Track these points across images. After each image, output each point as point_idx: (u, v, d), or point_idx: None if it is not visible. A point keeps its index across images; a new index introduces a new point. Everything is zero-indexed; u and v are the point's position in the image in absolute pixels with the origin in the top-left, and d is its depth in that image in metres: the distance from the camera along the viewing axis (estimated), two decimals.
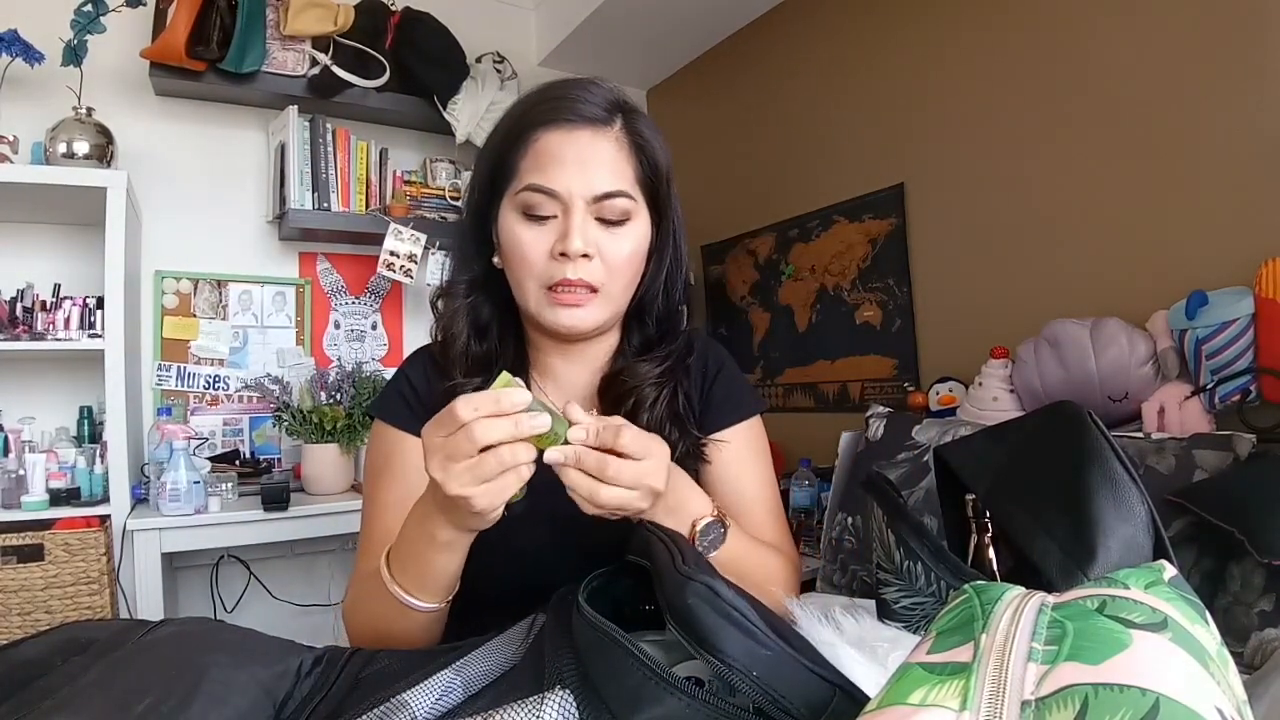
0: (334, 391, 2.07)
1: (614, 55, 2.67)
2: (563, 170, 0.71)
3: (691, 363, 0.85)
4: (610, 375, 0.81)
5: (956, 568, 0.59)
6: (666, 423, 0.79)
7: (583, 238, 0.71)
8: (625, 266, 0.74)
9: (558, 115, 0.72)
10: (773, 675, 0.40)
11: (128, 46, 2.03)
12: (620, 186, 0.72)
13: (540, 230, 0.72)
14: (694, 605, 0.43)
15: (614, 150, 0.72)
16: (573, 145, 0.71)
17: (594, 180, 0.71)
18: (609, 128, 0.73)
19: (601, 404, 0.81)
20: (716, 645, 0.41)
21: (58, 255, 2.03)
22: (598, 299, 0.74)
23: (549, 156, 0.71)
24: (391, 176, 2.40)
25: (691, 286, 0.86)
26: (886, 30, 2.10)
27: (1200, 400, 1.36)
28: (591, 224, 0.72)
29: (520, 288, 0.76)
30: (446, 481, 0.53)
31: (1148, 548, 0.57)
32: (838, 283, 2.25)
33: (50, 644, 0.56)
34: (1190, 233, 1.47)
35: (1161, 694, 0.26)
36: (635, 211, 0.74)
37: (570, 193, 0.71)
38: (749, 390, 0.90)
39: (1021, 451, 0.65)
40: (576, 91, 0.73)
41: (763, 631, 0.42)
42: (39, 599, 1.61)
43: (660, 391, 0.79)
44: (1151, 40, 1.53)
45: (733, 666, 0.40)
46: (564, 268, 0.71)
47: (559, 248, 0.71)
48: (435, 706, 0.46)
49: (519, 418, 0.53)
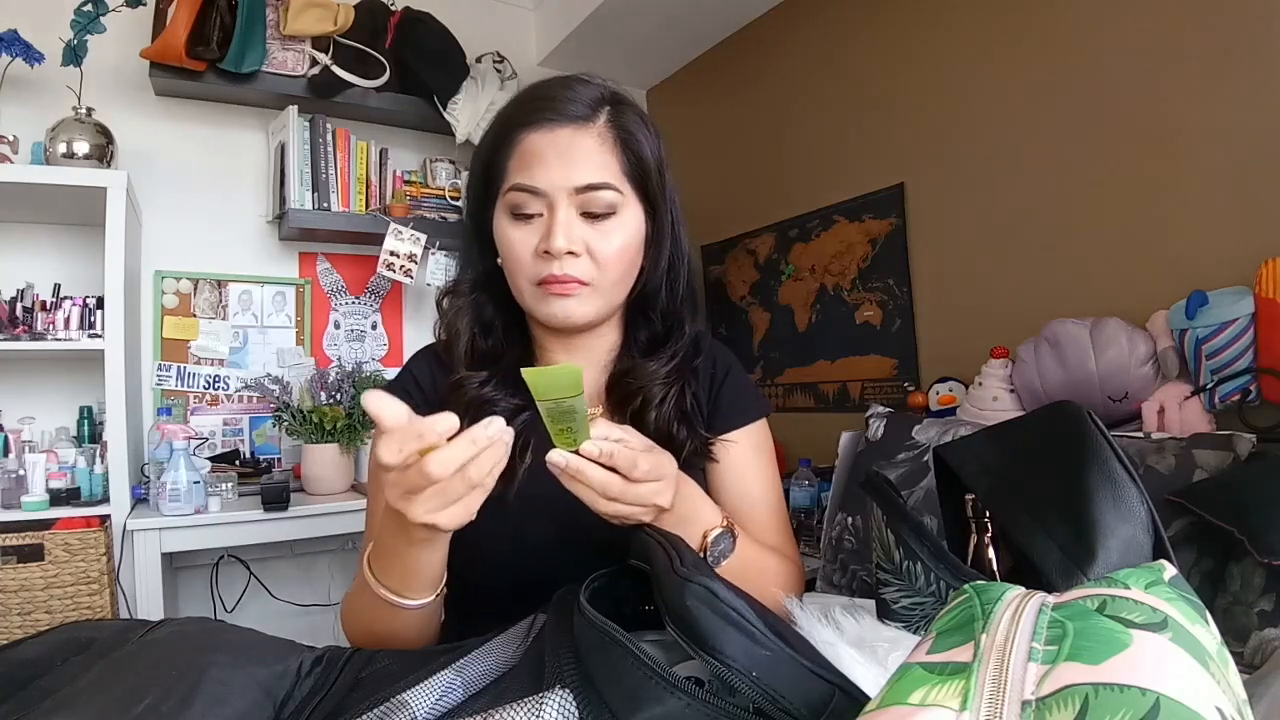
0: (334, 391, 2.07)
1: (614, 55, 2.67)
2: (544, 167, 0.71)
3: (700, 364, 0.85)
4: (617, 373, 0.81)
5: (956, 568, 0.59)
6: (675, 421, 0.79)
7: (566, 235, 0.71)
8: (615, 260, 0.74)
9: (540, 115, 0.72)
10: (772, 675, 0.40)
11: (128, 46, 2.03)
12: (603, 179, 0.72)
13: (527, 229, 0.73)
14: (693, 607, 0.43)
15: (596, 145, 0.73)
16: (554, 143, 0.72)
17: (574, 174, 0.71)
18: (591, 124, 0.73)
19: (609, 402, 0.81)
20: (716, 646, 0.41)
21: (58, 255, 2.03)
22: (589, 290, 0.74)
23: (532, 156, 0.72)
24: (391, 176, 2.40)
25: (695, 279, 0.85)
26: (887, 30, 2.10)
27: (1200, 400, 1.36)
28: (576, 220, 0.72)
29: (514, 286, 0.77)
30: (410, 511, 0.52)
31: (1147, 548, 0.57)
32: (838, 283, 2.25)
33: (51, 644, 0.56)
34: (1190, 233, 1.47)
35: (1162, 694, 0.26)
36: (622, 204, 0.74)
37: (552, 188, 0.71)
38: (757, 393, 0.90)
39: (1021, 451, 0.65)
40: (560, 91, 0.74)
41: (761, 632, 0.42)
42: (39, 599, 1.61)
43: (668, 390, 0.79)
44: (1151, 40, 1.53)
45: (732, 667, 0.40)
46: (550, 265, 0.72)
47: (542, 246, 0.72)
48: (435, 706, 0.46)
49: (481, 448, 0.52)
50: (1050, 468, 0.62)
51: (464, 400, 0.76)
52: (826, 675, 0.41)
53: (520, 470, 0.73)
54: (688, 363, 0.82)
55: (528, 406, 0.75)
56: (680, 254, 0.82)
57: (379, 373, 2.25)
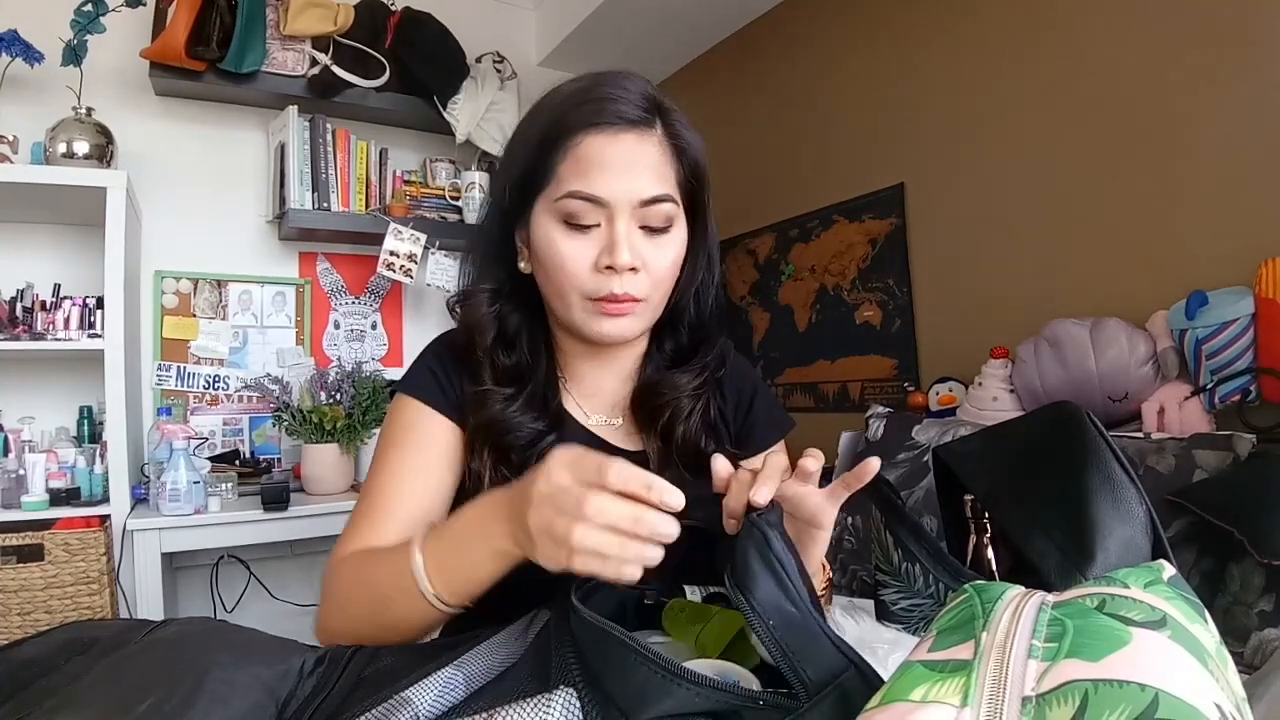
0: (334, 391, 2.07)
1: (613, 55, 2.67)
2: (608, 176, 0.67)
3: (724, 377, 0.84)
4: (645, 386, 0.80)
5: (955, 569, 0.59)
6: (702, 434, 0.78)
7: (630, 250, 0.68)
8: (668, 276, 0.72)
9: (600, 118, 0.68)
10: (790, 632, 0.41)
11: (128, 46, 2.03)
12: (665, 190, 0.69)
13: (583, 241, 0.69)
14: (742, 545, 0.45)
15: (658, 154, 0.69)
16: (617, 149, 0.68)
17: (639, 185, 0.68)
18: (651, 130, 0.69)
19: (636, 415, 0.80)
20: (748, 585, 0.42)
21: (58, 255, 2.03)
22: (641, 308, 0.71)
23: (592, 161, 0.67)
24: (391, 176, 2.40)
25: (721, 290, 0.83)
26: (886, 30, 2.10)
27: (1200, 400, 1.36)
28: (636, 233, 0.69)
29: (561, 299, 0.72)
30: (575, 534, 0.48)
31: (1146, 549, 0.57)
32: (838, 283, 2.26)
33: (52, 644, 0.56)
34: (1190, 233, 1.47)
35: (1161, 690, 0.26)
36: (677, 217, 0.71)
37: (616, 199, 0.67)
38: (781, 408, 0.91)
39: (1020, 452, 0.65)
40: (615, 91, 0.69)
41: (796, 590, 0.43)
42: (39, 599, 1.61)
43: (696, 403, 0.78)
44: (1152, 40, 1.53)
45: (755, 609, 0.41)
46: (610, 282, 0.68)
47: (605, 260, 0.68)
48: (437, 703, 0.46)
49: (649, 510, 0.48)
50: (1049, 469, 0.62)
51: (485, 416, 0.73)
52: (846, 651, 0.41)
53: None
54: (714, 374, 0.81)
55: (549, 431, 0.75)
56: (712, 266, 0.80)
57: (379, 373, 2.25)
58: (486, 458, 0.73)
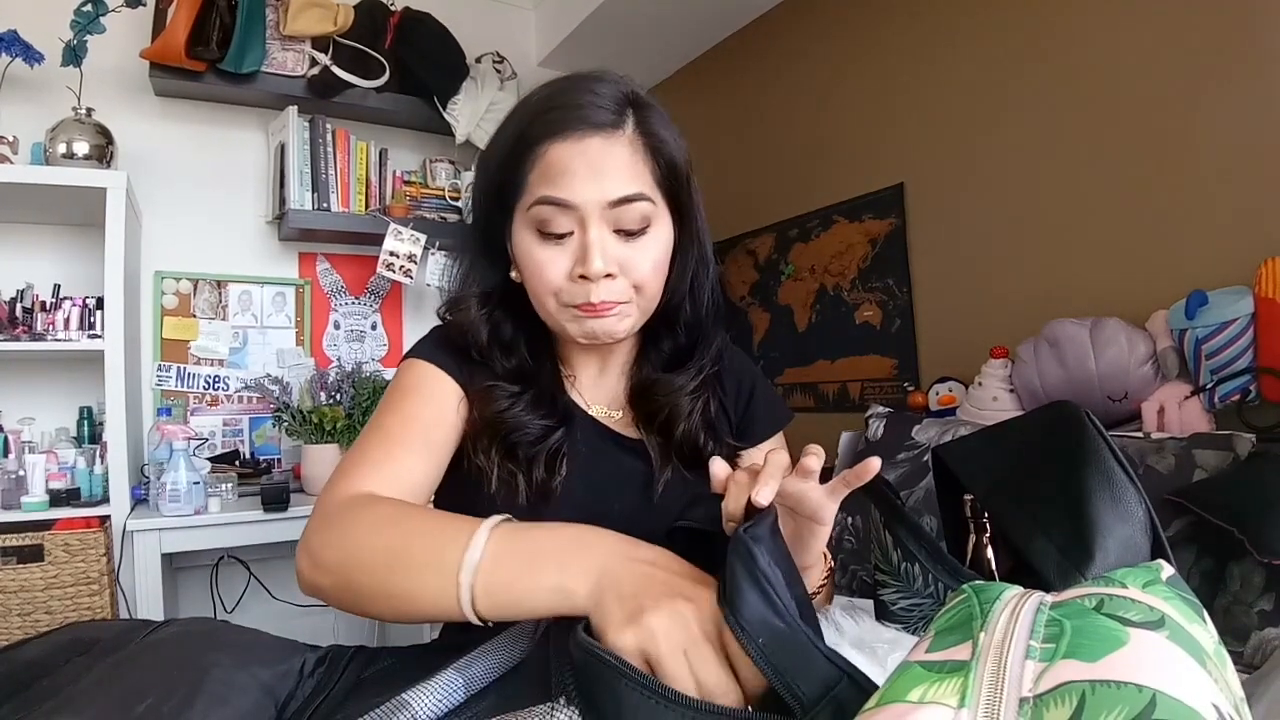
0: (334, 392, 2.07)
1: (613, 55, 2.67)
2: (575, 181, 0.66)
3: (723, 370, 0.84)
4: (642, 385, 0.80)
5: (954, 569, 0.59)
6: (702, 432, 0.78)
7: (603, 256, 0.67)
8: (651, 277, 0.71)
9: (564, 126, 0.67)
10: (779, 648, 0.41)
11: (128, 46, 2.03)
12: (638, 190, 0.68)
13: (557, 250, 0.68)
14: (730, 560, 0.44)
15: (628, 154, 0.68)
16: (583, 155, 0.66)
17: (608, 187, 0.66)
18: (620, 131, 0.68)
19: (635, 414, 0.80)
20: (735, 602, 0.42)
21: (58, 255, 2.03)
22: (626, 308, 0.71)
23: (558, 168, 0.67)
24: (391, 177, 2.40)
25: (718, 286, 0.82)
26: (886, 30, 2.10)
27: (1200, 400, 1.36)
28: (610, 238, 0.68)
29: (541, 306, 0.72)
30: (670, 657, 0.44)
31: (1145, 548, 0.57)
32: (837, 283, 2.26)
33: (53, 644, 0.56)
34: (1190, 233, 1.47)
35: (1158, 690, 0.26)
36: (656, 215, 0.70)
37: (585, 202, 0.66)
38: (781, 400, 0.91)
39: (1019, 452, 0.65)
40: (582, 96, 0.68)
41: (784, 605, 0.42)
42: (39, 600, 1.61)
43: (695, 403, 0.78)
44: (1151, 40, 1.53)
45: (743, 627, 0.41)
46: (586, 290, 0.68)
47: (578, 270, 0.68)
48: (437, 706, 0.46)
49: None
50: (1048, 468, 0.62)
51: (492, 413, 0.73)
52: (837, 661, 0.41)
53: (556, 488, 0.72)
54: (711, 371, 0.81)
55: (557, 427, 0.75)
56: (705, 261, 0.79)
57: (379, 373, 2.25)
58: (494, 454, 0.72)
